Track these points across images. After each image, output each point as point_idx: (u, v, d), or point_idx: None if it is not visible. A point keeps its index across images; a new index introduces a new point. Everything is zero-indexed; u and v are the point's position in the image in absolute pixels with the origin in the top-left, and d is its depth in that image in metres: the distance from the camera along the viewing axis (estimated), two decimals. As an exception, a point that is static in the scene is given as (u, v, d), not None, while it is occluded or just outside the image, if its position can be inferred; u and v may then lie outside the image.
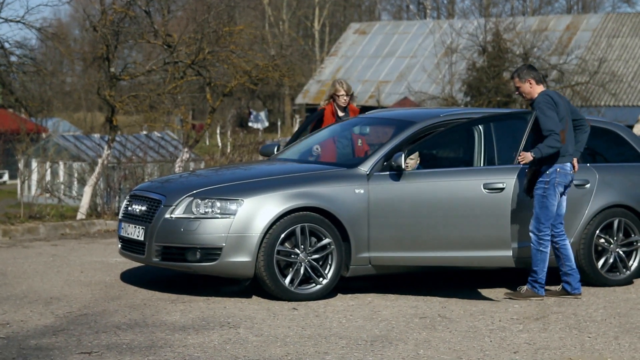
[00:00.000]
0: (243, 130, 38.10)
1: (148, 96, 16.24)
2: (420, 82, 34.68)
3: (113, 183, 16.63)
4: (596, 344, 7.40)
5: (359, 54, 38.30)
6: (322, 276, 8.84)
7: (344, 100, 11.03)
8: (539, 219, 9.02)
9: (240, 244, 8.63)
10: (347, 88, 11.08)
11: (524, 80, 9.17)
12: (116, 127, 16.48)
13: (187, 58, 16.08)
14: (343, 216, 8.87)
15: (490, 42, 28.35)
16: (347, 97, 11.02)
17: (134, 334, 7.43)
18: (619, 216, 9.87)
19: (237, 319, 8.01)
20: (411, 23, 41.08)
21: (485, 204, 8.90)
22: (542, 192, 9.01)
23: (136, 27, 16.45)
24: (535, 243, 9.06)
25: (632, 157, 10.34)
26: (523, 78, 9.17)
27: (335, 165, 9.54)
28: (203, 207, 8.74)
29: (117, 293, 9.02)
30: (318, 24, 57.90)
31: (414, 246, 8.88)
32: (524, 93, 9.21)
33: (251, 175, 9.42)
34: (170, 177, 10.15)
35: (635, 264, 9.95)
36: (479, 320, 8.15)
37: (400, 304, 8.77)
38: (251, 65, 16.59)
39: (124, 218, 9.39)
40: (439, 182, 8.97)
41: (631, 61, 32.36)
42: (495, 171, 9.14)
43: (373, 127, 10.30)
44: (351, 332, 7.63)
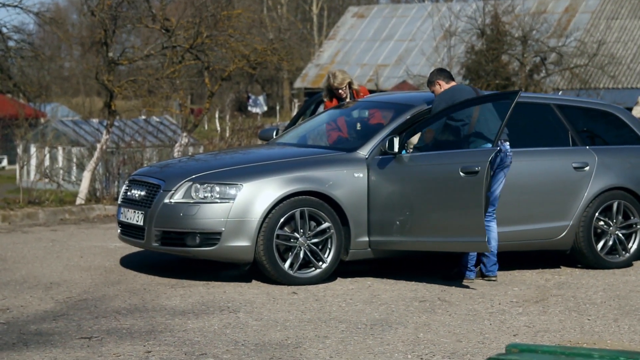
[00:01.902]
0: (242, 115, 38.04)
1: (146, 81, 16.22)
2: (419, 66, 34.62)
3: (112, 168, 16.62)
4: (596, 327, 7.42)
5: (358, 37, 38.24)
6: (321, 260, 8.85)
7: (342, 93, 10.76)
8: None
9: (239, 229, 8.63)
10: (340, 81, 10.64)
11: (434, 83, 9.21)
12: (115, 112, 16.47)
13: (185, 42, 16.05)
14: (342, 200, 8.87)
15: (489, 25, 28.30)
16: (343, 89, 10.67)
17: (134, 318, 7.44)
18: (618, 198, 9.87)
19: (237, 303, 8.02)
20: (409, 6, 41.00)
21: (462, 188, 8.63)
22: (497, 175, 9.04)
23: (134, 11, 16.41)
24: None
25: (631, 139, 10.33)
26: (432, 82, 9.22)
27: (335, 149, 9.53)
28: (202, 191, 8.74)
29: (117, 278, 9.03)
30: (316, 8, 57.77)
31: (413, 230, 8.85)
32: (436, 95, 9.23)
33: (250, 159, 9.42)
34: (169, 162, 10.15)
35: (634, 247, 9.96)
36: (478, 304, 8.16)
37: (399, 287, 8.78)
38: (249, 49, 16.56)
39: (123, 203, 9.39)
40: (437, 166, 8.92)
41: (630, 43, 32.31)
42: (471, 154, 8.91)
43: (372, 110, 10.28)
44: (351, 315, 7.64)
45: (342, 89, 10.66)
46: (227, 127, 29.19)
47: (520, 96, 8.93)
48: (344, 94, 10.69)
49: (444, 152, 9.08)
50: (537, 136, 9.87)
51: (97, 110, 40.98)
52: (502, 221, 9.27)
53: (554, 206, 9.63)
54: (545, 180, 9.62)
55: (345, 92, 10.69)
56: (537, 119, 9.97)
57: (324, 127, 10.18)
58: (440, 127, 9.30)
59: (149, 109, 18.68)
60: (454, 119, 9.08)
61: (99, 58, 16.73)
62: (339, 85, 10.64)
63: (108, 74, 15.89)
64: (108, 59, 15.85)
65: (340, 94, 10.69)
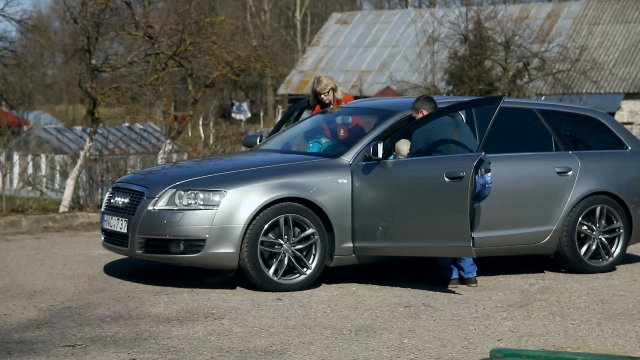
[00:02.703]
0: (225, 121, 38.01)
1: (130, 88, 16.19)
2: (403, 72, 34.69)
3: (95, 175, 16.57)
4: (579, 331, 7.44)
5: (341, 43, 38.29)
6: (306, 266, 8.84)
7: (325, 99, 10.77)
8: None
9: (223, 235, 8.62)
10: (323, 86, 10.61)
11: (418, 111, 9.17)
12: (98, 119, 16.43)
13: (168, 49, 16.03)
14: (326, 206, 8.87)
15: (472, 31, 28.37)
16: (326, 94, 10.64)
17: (118, 326, 7.41)
18: (601, 203, 9.91)
19: (222, 310, 8.00)
20: (393, 12, 41.06)
21: (447, 193, 8.64)
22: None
23: (117, 18, 16.39)
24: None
25: (614, 144, 10.37)
26: (417, 109, 9.18)
27: (318, 155, 9.53)
28: (186, 198, 8.72)
29: (101, 285, 9.00)
30: (300, 14, 57.81)
31: (398, 236, 8.85)
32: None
33: (234, 166, 9.41)
34: (152, 169, 10.12)
35: (617, 251, 9.99)
36: (462, 309, 8.17)
37: (384, 293, 8.79)
38: (233, 56, 16.55)
39: (106, 210, 9.36)
40: (421, 171, 8.93)
41: (612, 48, 32.46)
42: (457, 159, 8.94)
43: (356, 116, 10.28)
44: (336, 321, 7.64)
45: (325, 94, 10.65)
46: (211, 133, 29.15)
47: (503, 101, 8.95)
48: (327, 100, 10.69)
49: (429, 158, 9.10)
50: (520, 141, 9.90)
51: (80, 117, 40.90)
52: (486, 226, 9.30)
53: (538, 211, 9.65)
54: (528, 185, 9.64)
55: (327, 97, 10.67)
56: (520, 124, 10.00)
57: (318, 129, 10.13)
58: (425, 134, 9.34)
59: (132, 116, 18.65)
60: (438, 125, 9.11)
61: (81, 65, 16.69)
62: (321, 90, 10.64)
63: (91, 82, 15.85)
64: (91, 66, 15.81)
65: (323, 99, 10.68)
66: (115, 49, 25.68)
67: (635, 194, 10.12)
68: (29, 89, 36.82)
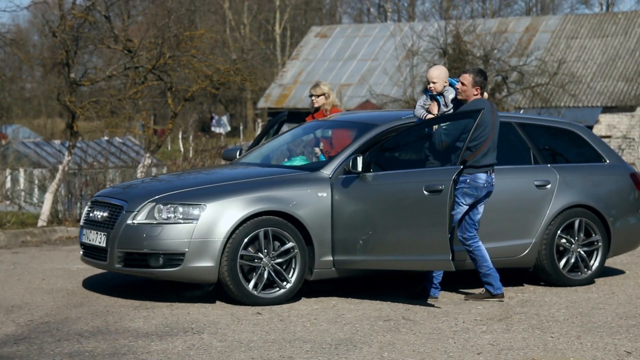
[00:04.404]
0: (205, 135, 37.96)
1: (109, 102, 16.14)
2: (382, 85, 34.79)
3: (74, 189, 16.49)
4: (559, 344, 7.45)
5: (321, 57, 38.37)
6: (285, 280, 8.83)
7: (314, 102, 10.90)
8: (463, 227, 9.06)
9: (203, 249, 8.60)
10: (316, 89, 10.86)
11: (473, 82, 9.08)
12: (77, 133, 16.36)
13: (147, 63, 16.00)
14: (306, 220, 8.87)
15: (451, 45, 28.46)
16: (315, 97, 10.83)
17: (96, 341, 7.37)
18: (580, 216, 9.95)
19: (201, 324, 7.98)
20: (372, 26, 41.17)
21: (426, 206, 8.68)
22: (455, 199, 8.97)
23: (96, 32, 16.34)
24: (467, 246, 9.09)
25: (592, 157, 10.43)
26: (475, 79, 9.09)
27: (298, 168, 9.53)
28: (165, 212, 8.70)
29: (79, 300, 8.95)
30: (279, 28, 57.87)
31: (377, 249, 8.85)
32: (463, 89, 9.07)
33: (213, 179, 9.39)
34: (132, 183, 10.09)
35: (596, 264, 10.03)
36: (442, 322, 8.17)
37: (364, 307, 8.78)
38: (212, 69, 16.53)
39: (85, 224, 9.32)
40: (400, 184, 8.94)
41: (590, 62, 32.66)
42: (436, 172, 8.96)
43: (335, 130, 10.30)
44: (315, 335, 7.63)
45: (315, 97, 10.85)
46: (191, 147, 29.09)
47: (482, 115, 8.97)
48: (315, 104, 10.89)
49: (408, 171, 9.12)
50: (499, 154, 9.92)
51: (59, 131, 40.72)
52: (466, 239, 9.31)
53: (517, 224, 9.68)
54: (507, 198, 9.67)
55: (317, 101, 10.88)
56: (499, 137, 10.02)
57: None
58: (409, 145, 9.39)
59: (111, 129, 18.57)
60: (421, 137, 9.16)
61: (60, 79, 16.61)
62: (313, 92, 10.87)
63: (70, 95, 15.79)
64: (70, 80, 15.76)
65: (312, 102, 10.92)
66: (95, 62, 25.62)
67: (614, 207, 10.17)
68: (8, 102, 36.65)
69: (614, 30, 33.46)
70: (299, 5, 59.31)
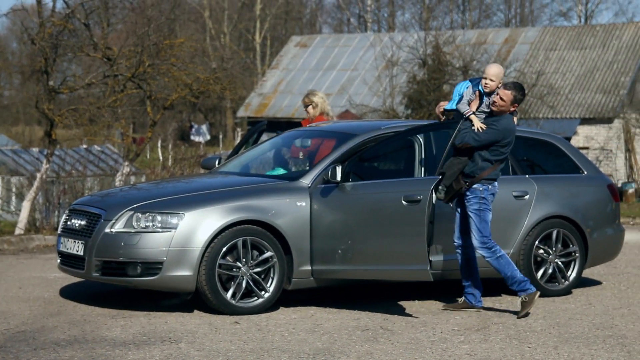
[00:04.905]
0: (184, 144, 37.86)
1: (88, 109, 16.08)
2: (362, 95, 34.84)
3: (52, 197, 16.42)
4: (536, 354, 7.47)
5: (301, 67, 38.39)
6: (264, 289, 8.82)
7: (306, 111, 11.21)
8: (481, 232, 8.89)
9: (181, 258, 8.58)
10: (305, 99, 11.27)
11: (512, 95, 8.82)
12: (55, 141, 16.30)
13: (127, 71, 15.97)
14: (285, 229, 8.86)
15: (431, 55, 28.54)
16: (305, 107, 11.19)
17: (73, 350, 7.33)
18: (558, 227, 9.99)
19: (179, 333, 7.95)
20: (352, 36, 41.23)
21: (405, 216, 8.68)
22: (478, 206, 8.88)
23: (75, 40, 16.29)
24: (490, 254, 8.90)
25: (570, 168, 10.47)
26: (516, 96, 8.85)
27: (277, 178, 9.53)
28: (144, 221, 8.67)
29: (57, 309, 8.90)
30: (259, 37, 57.88)
31: (356, 259, 8.85)
32: (500, 105, 8.81)
33: (192, 188, 9.38)
34: (110, 191, 10.06)
35: (573, 275, 10.07)
36: (420, 332, 8.18)
37: (342, 316, 8.78)
38: (192, 78, 16.52)
39: (63, 233, 9.28)
40: (379, 194, 8.95)
41: (568, 74, 32.83)
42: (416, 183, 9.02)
43: (315, 139, 10.31)
44: (293, 345, 7.62)
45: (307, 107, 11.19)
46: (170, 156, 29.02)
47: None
48: (308, 114, 11.24)
49: (386, 181, 9.15)
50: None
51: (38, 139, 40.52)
52: (444, 249, 9.34)
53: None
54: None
55: (307, 110, 11.21)
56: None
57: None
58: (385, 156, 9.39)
59: (90, 138, 18.51)
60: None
61: (39, 86, 16.55)
62: (303, 101, 11.27)
63: (48, 103, 15.74)
64: (48, 87, 15.70)
65: (306, 113, 11.27)
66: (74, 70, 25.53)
67: (591, 218, 10.22)
68: (-15, 110, 36.46)
69: (592, 43, 33.67)
70: (279, 15, 59.35)
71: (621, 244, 10.78)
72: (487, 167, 8.88)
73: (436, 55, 28.39)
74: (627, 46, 32.89)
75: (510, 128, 8.92)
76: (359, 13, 61.09)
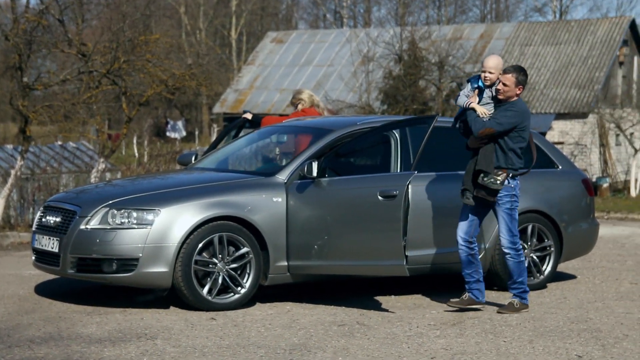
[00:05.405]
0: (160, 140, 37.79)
1: (62, 106, 16.00)
2: (338, 91, 34.85)
3: (27, 194, 16.33)
4: (511, 348, 7.51)
5: (277, 62, 38.36)
6: (240, 285, 8.81)
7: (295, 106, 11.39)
8: (512, 232, 8.71)
9: (157, 255, 8.56)
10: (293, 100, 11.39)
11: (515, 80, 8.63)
12: (30, 138, 16.20)
13: (102, 67, 15.90)
14: (261, 225, 8.86)
15: (406, 51, 28.60)
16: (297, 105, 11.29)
17: (48, 347, 7.30)
18: (533, 221, 10.03)
19: (155, 330, 7.93)
20: (328, 32, 41.24)
21: (381, 212, 8.68)
22: (510, 205, 8.69)
23: (49, 35, 16.21)
24: (515, 256, 8.77)
25: (545, 163, 10.52)
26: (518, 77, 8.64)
27: (253, 173, 9.52)
28: (119, 217, 8.65)
29: (31, 306, 8.86)
30: (235, 33, 57.78)
31: (332, 254, 8.86)
32: (505, 91, 8.60)
33: (168, 184, 9.35)
34: (85, 188, 10.02)
35: (548, 269, 10.13)
36: (396, 327, 8.20)
37: (318, 312, 8.79)
38: (168, 74, 16.46)
39: (38, 230, 9.24)
40: (355, 190, 8.96)
41: (543, 69, 32.97)
42: (393, 178, 9.03)
43: (291, 135, 10.31)
44: (270, 341, 7.62)
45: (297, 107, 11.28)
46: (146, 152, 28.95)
47: (437, 121, 9.04)
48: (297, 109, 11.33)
49: (363, 177, 9.16)
50: (454, 160, 9.97)
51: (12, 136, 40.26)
52: (420, 244, 9.36)
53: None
54: (461, 203, 9.70)
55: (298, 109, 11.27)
56: (454, 143, 10.07)
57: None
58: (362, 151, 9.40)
59: (65, 134, 18.43)
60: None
61: (13, 83, 16.44)
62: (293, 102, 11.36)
63: (23, 99, 15.64)
64: (23, 84, 15.60)
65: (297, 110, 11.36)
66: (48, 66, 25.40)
67: (566, 213, 10.27)
68: (-41, 106, 36.25)
69: (567, 38, 33.83)
70: (255, 11, 59.26)
71: (596, 238, 10.86)
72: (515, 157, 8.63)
73: (412, 51, 28.45)
74: (601, 41, 33.07)
75: (527, 110, 8.70)
76: (334, 9, 61.11)
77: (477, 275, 8.93)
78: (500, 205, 8.74)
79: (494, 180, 8.59)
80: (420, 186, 9.37)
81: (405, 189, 8.61)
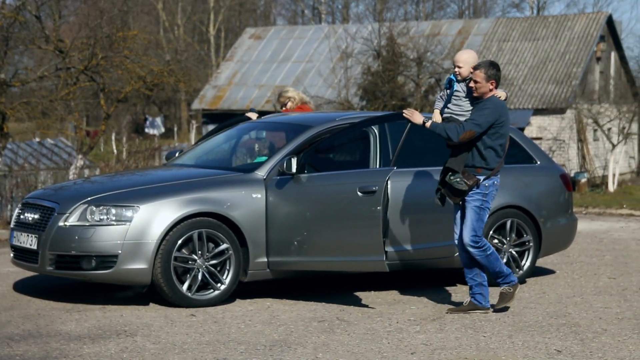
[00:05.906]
0: (139, 137, 37.62)
1: (40, 103, 15.95)
2: (317, 87, 34.86)
3: (4, 191, 16.25)
4: (491, 343, 7.54)
5: (255, 58, 38.32)
6: (220, 282, 8.80)
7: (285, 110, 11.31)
8: (474, 231, 8.49)
9: (136, 251, 8.53)
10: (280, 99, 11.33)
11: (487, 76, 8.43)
12: (7, 135, 16.15)
13: (79, 64, 15.85)
14: (240, 221, 8.85)
15: (385, 47, 28.64)
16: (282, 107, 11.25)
17: (27, 344, 7.27)
18: (512, 217, 10.06)
19: (134, 326, 7.91)
20: (306, 28, 41.23)
21: (360, 207, 8.63)
22: (480, 204, 8.50)
23: (27, 32, 16.15)
24: (480, 253, 8.52)
25: (524, 158, 10.55)
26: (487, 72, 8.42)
27: (232, 170, 9.51)
28: (98, 214, 8.61)
29: (10, 303, 8.82)
30: (213, 29, 57.66)
31: (311, 250, 8.86)
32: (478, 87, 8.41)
33: (147, 181, 9.33)
34: (64, 184, 9.98)
35: (527, 264, 10.16)
36: (376, 323, 8.21)
37: (299, 308, 8.79)
38: (146, 70, 16.44)
39: (16, 227, 9.19)
40: (335, 186, 8.96)
41: (521, 65, 33.08)
42: (372, 174, 8.98)
43: (270, 131, 10.30)
44: (250, 337, 7.61)
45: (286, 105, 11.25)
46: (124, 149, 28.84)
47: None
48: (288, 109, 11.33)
49: (342, 172, 9.16)
50: (432, 156, 9.98)
51: (-11, 132, 40.07)
52: (399, 240, 9.38)
53: (450, 225, 9.75)
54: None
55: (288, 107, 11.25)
56: (431, 139, 10.08)
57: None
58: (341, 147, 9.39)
59: (43, 131, 18.37)
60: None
61: (-10, 79, 16.35)
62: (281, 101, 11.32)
63: (0, 96, 15.57)
64: (0, 80, 15.53)
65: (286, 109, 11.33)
66: (25, 63, 25.26)
67: (544, 208, 10.31)
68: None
69: (545, 34, 33.96)
70: (233, 7, 59.15)
71: (574, 233, 10.91)
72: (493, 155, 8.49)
73: (390, 47, 28.50)
74: (578, 37, 33.22)
75: (501, 104, 8.48)
76: (313, 5, 61.09)
77: (480, 278, 8.65)
78: (469, 202, 8.54)
79: (459, 180, 8.44)
80: (399, 182, 9.38)
81: (384, 185, 8.62)
